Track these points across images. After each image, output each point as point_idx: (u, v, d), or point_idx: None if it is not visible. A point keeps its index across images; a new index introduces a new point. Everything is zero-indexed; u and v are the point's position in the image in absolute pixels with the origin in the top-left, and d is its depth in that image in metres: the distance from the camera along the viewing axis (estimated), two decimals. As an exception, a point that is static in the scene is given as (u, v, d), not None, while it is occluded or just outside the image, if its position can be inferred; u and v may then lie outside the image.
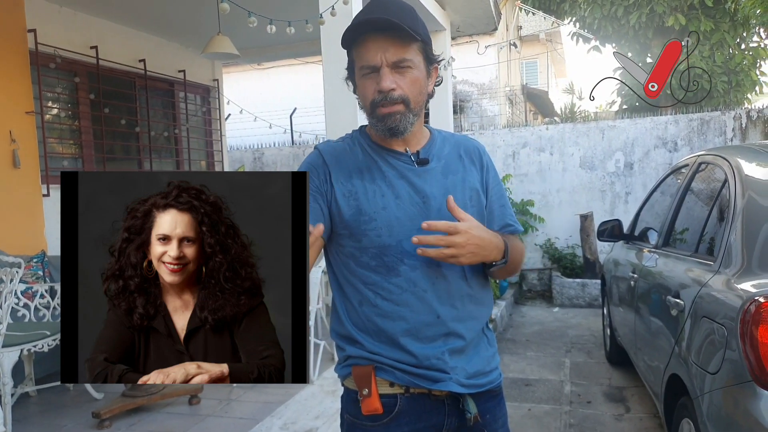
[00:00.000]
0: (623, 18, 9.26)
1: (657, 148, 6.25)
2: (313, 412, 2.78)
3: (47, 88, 4.26)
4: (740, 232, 1.89)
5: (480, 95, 9.53)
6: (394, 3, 1.10)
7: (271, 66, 9.50)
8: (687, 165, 2.92)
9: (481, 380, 1.15)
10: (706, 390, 1.73)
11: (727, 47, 9.07)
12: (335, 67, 3.08)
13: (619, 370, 3.81)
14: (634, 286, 2.98)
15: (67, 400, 3.20)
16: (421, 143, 1.18)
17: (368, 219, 1.09)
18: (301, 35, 3.82)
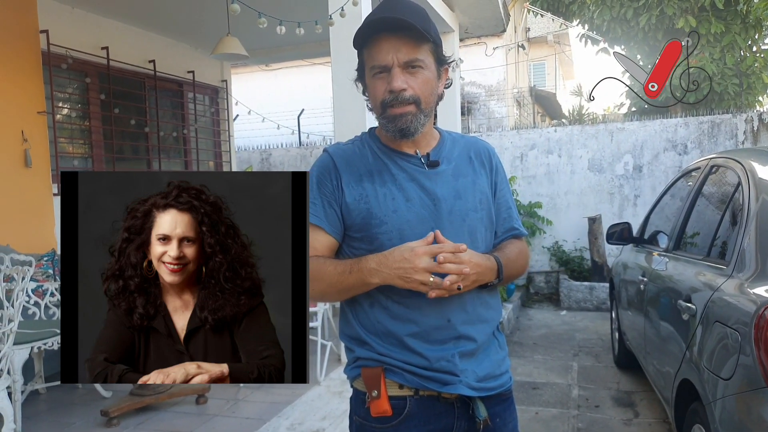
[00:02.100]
0: (633, 20, 9.18)
1: (666, 151, 6.19)
2: (320, 413, 2.78)
3: (59, 88, 4.30)
4: (754, 236, 1.87)
5: (488, 97, 9.50)
6: (406, 4, 1.10)
7: (279, 67, 9.53)
8: (698, 168, 2.88)
9: (492, 383, 1.14)
10: (719, 396, 1.70)
11: (738, 49, 8.96)
12: (344, 68, 3.07)
13: (627, 375, 3.77)
14: (643, 289, 2.95)
15: (76, 398, 3.21)
16: (431, 145, 1.18)
17: (379, 222, 1.09)
18: (310, 36, 3.83)
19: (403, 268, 1.00)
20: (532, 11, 10.95)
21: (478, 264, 1.05)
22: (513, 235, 1.22)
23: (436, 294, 1.01)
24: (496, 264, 1.11)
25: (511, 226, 1.22)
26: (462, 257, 1.01)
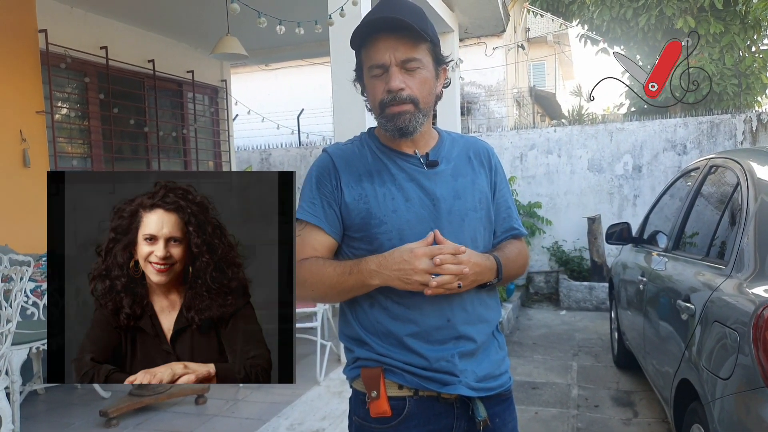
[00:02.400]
0: (632, 20, 9.17)
1: (666, 151, 6.18)
2: (319, 413, 2.77)
3: (57, 87, 4.30)
4: (753, 236, 1.86)
5: (487, 97, 9.50)
6: (404, 4, 1.09)
7: (278, 67, 9.53)
8: (697, 168, 2.88)
9: (491, 383, 1.14)
10: (718, 395, 1.70)
11: (737, 50, 8.95)
12: (344, 68, 3.06)
13: (627, 374, 3.76)
14: (642, 289, 2.94)
15: (75, 398, 3.21)
16: (430, 145, 1.18)
17: (378, 222, 1.08)
18: (309, 36, 3.82)
19: (402, 269, 1.00)
20: (532, 11, 10.95)
21: (477, 264, 1.05)
22: (512, 235, 1.22)
23: (432, 292, 1.00)
24: (495, 264, 1.11)
25: (510, 226, 1.22)
26: (461, 258, 1.01)
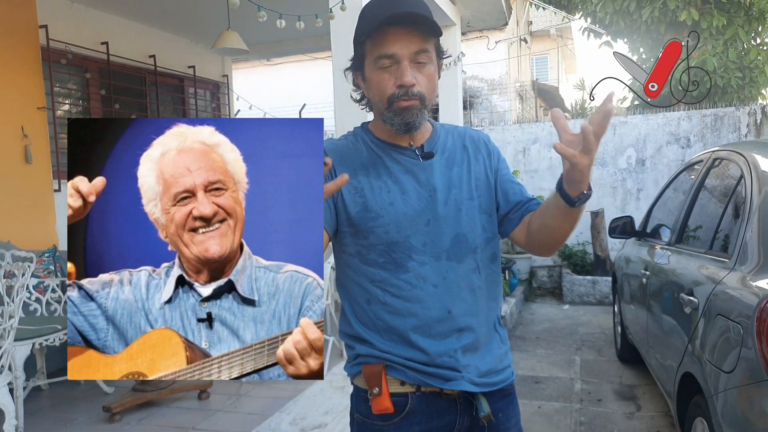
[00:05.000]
0: (635, 13, 9.13)
1: (669, 144, 6.16)
2: (322, 408, 2.78)
3: (59, 83, 4.29)
4: (756, 229, 1.86)
5: (490, 91, 9.47)
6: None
7: (280, 62, 9.49)
8: (701, 161, 2.87)
9: (494, 379, 1.13)
10: (721, 389, 1.70)
11: (741, 42, 8.91)
12: (345, 62, 3.04)
13: (630, 368, 3.77)
14: (646, 283, 2.94)
15: (78, 393, 3.22)
16: (425, 137, 1.17)
17: (375, 215, 1.08)
18: (310, 30, 3.80)
19: None
20: (535, 4, 10.89)
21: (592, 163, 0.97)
22: (536, 204, 1.17)
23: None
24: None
25: (527, 197, 1.18)
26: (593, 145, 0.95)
